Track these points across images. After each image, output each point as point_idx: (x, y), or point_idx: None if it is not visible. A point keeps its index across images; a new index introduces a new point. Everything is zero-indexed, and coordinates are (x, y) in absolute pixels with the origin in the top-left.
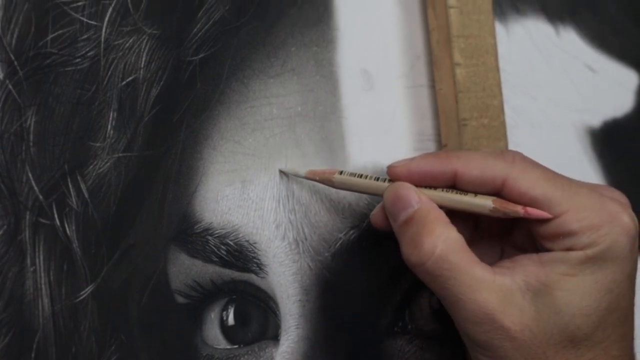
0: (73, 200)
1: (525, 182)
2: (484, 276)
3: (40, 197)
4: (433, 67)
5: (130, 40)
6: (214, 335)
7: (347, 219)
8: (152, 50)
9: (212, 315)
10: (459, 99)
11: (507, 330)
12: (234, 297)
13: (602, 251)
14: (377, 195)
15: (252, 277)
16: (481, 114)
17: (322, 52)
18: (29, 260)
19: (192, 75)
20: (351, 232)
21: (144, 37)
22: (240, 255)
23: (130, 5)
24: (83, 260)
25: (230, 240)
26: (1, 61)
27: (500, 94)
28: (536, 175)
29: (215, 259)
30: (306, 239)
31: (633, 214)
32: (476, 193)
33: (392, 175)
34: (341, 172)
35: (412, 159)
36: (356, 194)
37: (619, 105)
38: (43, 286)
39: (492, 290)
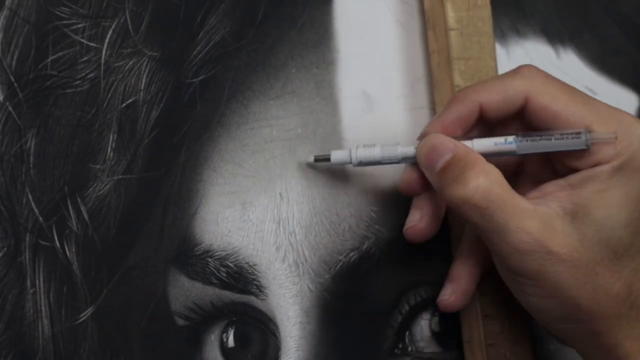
0: (73, 223)
1: (546, 97)
2: (526, 206)
3: (40, 219)
4: (433, 89)
5: (131, 62)
6: (214, 357)
7: (347, 241)
8: (152, 72)
9: (212, 337)
10: None
11: (556, 254)
12: (234, 319)
13: (627, 162)
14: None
15: (252, 299)
16: None
17: (322, 74)
18: (29, 282)
19: (192, 97)
20: (351, 254)
21: (144, 59)
22: (240, 277)
23: (130, 27)
24: (83, 282)
25: (230, 262)
26: (1, 83)
27: None
28: (555, 89)
29: (215, 281)
30: (306, 261)
31: None
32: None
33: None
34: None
35: (439, 115)
36: (356, 216)
37: None
38: (43, 308)
39: (535, 218)
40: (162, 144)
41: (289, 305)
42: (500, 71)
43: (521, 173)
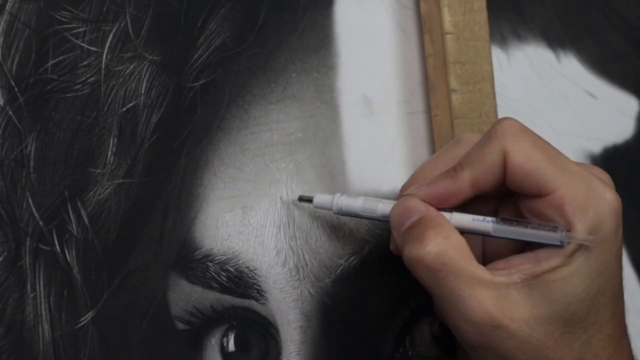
0: (73, 227)
1: (519, 155)
2: (482, 275)
3: (41, 223)
4: (429, 93)
5: (131, 67)
6: None
7: (348, 245)
8: (152, 77)
9: (213, 342)
10: (455, 125)
11: (506, 329)
12: (235, 323)
13: (593, 232)
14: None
15: (252, 304)
16: None
17: (323, 79)
18: (29, 287)
19: (192, 102)
20: (352, 258)
21: (144, 63)
22: (240, 282)
23: (131, 31)
24: (83, 287)
25: (231, 267)
26: (2, 87)
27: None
28: (529, 147)
29: (216, 285)
30: (307, 265)
31: (616, 193)
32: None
33: None
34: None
35: (427, 184)
36: (357, 220)
37: (619, 132)
38: (43, 312)
39: (489, 288)
40: (162, 148)
41: (290, 310)
42: (500, 75)
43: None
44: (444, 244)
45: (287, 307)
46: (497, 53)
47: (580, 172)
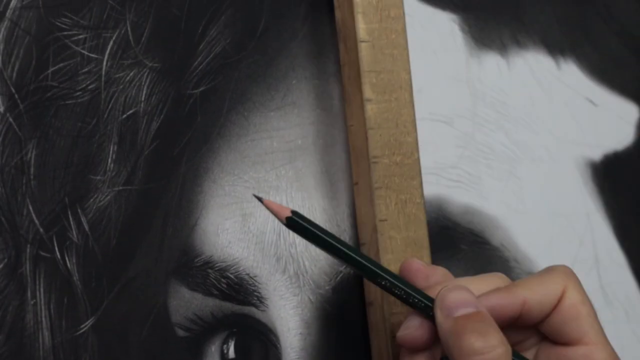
0: (73, 234)
1: (577, 296)
2: None
3: (41, 230)
4: (345, 103)
5: (131, 74)
6: None
7: None
8: (152, 84)
9: (213, 349)
10: (369, 135)
11: None
12: (235, 330)
13: None
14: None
15: (252, 311)
16: (393, 151)
17: (323, 85)
18: (29, 294)
19: (192, 109)
20: None
21: (144, 70)
22: (240, 289)
23: (131, 38)
24: (84, 294)
25: (231, 274)
26: (2, 94)
27: (415, 130)
28: (584, 294)
29: (216, 292)
30: (307, 272)
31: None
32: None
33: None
34: (295, 214)
35: (482, 296)
36: (357, 227)
37: (619, 139)
38: (43, 319)
39: None
40: (162, 155)
41: (290, 317)
42: (501, 82)
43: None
44: (503, 350)
45: (287, 314)
46: (497, 60)
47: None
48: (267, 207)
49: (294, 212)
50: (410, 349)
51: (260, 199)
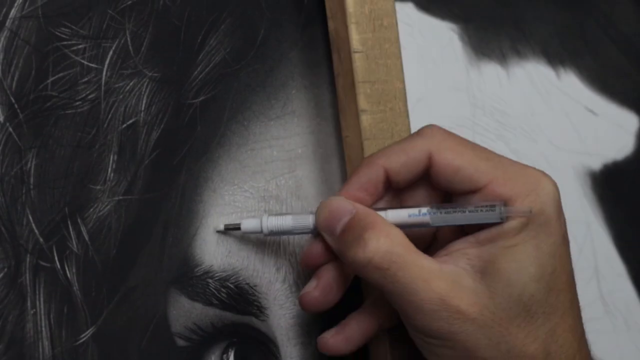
0: (73, 243)
1: (449, 153)
2: (431, 265)
3: (41, 240)
4: (339, 113)
5: (131, 83)
6: None
7: None
8: (152, 93)
9: (213, 358)
10: (365, 146)
11: (465, 313)
12: (235, 340)
13: (535, 216)
14: (313, 232)
15: (252, 320)
16: None
17: (323, 94)
18: (29, 303)
19: (192, 118)
20: (352, 274)
21: (144, 80)
22: (240, 298)
23: (131, 48)
24: (83, 303)
25: (231, 283)
26: (2, 104)
27: None
28: (458, 145)
29: (216, 302)
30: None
31: (553, 180)
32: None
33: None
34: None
35: (345, 183)
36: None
37: (619, 148)
38: (43, 329)
39: (442, 278)
40: (162, 164)
41: (290, 326)
42: (500, 92)
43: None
44: (387, 242)
45: (287, 323)
46: (497, 70)
47: (514, 165)
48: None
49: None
50: (315, 267)
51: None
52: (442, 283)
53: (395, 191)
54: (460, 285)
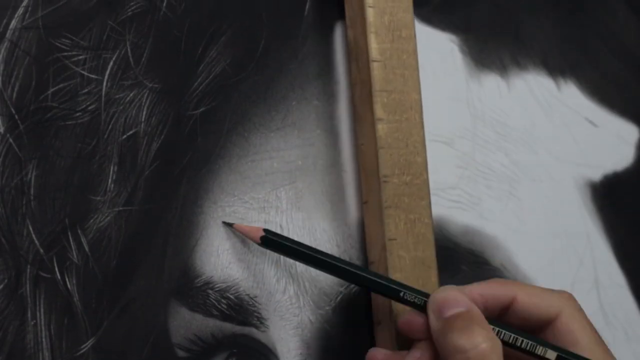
0: (74, 254)
1: (576, 323)
2: None
3: (41, 250)
4: (355, 122)
5: (131, 94)
6: None
7: None
8: (152, 104)
9: None
10: (380, 155)
11: None
12: (235, 351)
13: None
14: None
15: (252, 331)
16: (403, 171)
17: (323, 106)
18: (29, 314)
19: (192, 129)
20: (352, 285)
21: (144, 91)
22: (240, 309)
23: (131, 59)
24: (84, 314)
25: (231, 294)
26: (2, 115)
27: (425, 151)
28: (586, 322)
29: (216, 313)
30: (307, 293)
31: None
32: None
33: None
34: (267, 232)
35: (474, 284)
36: (357, 247)
37: (619, 160)
38: (44, 340)
39: None
40: (162, 175)
41: (290, 337)
42: (501, 103)
43: None
44: (489, 345)
45: (288, 334)
46: (497, 81)
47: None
48: (239, 231)
49: (266, 231)
50: (410, 336)
51: (229, 225)
52: None
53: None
54: None
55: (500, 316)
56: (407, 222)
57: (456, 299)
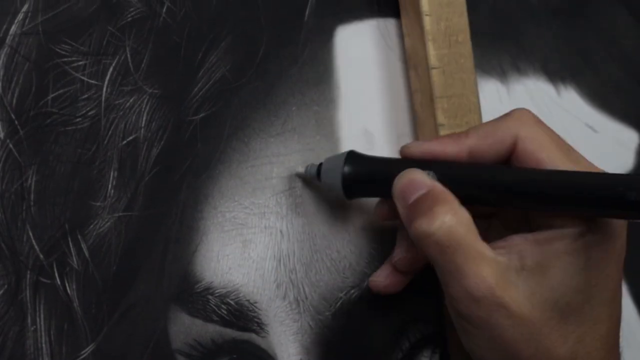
0: (74, 260)
1: (533, 143)
2: (487, 253)
3: (41, 256)
4: (417, 128)
5: (131, 100)
6: None
7: (348, 279)
8: (152, 110)
9: None
10: None
11: (506, 306)
12: (235, 356)
13: (598, 227)
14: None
15: (252, 337)
16: None
17: (323, 112)
18: (29, 320)
19: (192, 135)
20: (352, 291)
21: (144, 96)
22: (240, 315)
23: (131, 64)
24: (84, 320)
25: (231, 300)
26: (2, 120)
27: None
28: (544, 136)
29: (216, 319)
30: (307, 299)
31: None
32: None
33: (404, 155)
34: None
35: (426, 141)
36: (357, 253)
37: (619, 165)
38: (44, 346)
39: (493, 267)
40: (162, 181)
41: (290, 343)
42: (501, 108)
43: (494, 219)
44: (453, 220)
45: (288, 340)
46: (497, 86)
47: (590, 168)
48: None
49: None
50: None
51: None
52: (492, 272)
53: None
54: (507, 279)
55: None
56: None
57: (415, 181)
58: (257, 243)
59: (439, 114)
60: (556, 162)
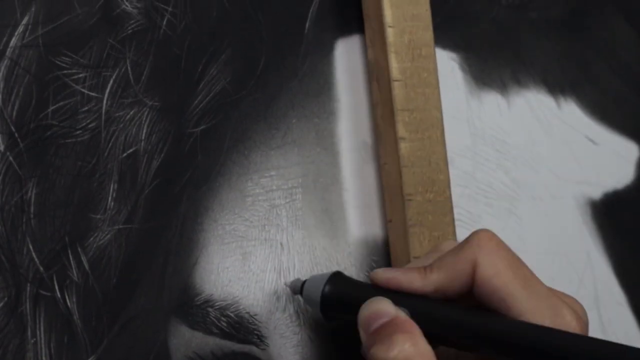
0: (74, 272)
1: (490, 269)
2: None
3: (41, 269)
4: (377, 141)
5: (131, 112)
6: None
7: None
8: (153, 122)
9: None
10: (403, 173)
11: None
12: None
13: None
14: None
15: (253, 349)
16: (426, 188)
17: (323, 124)
18: (29, 333)
19: (193, 147)
20: None
21: (144, 109)
22: (240, 327)
23: (131, 77)
24: (84, 332)
25: (231, 312)
26: (2, 133)
27: (447, 168)
28: (501, 263)
29: (216, 331)
30: (307, 311)
31: (585, 326)
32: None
33: (373, 281)
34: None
35: (396, 270)
36: (357, 266)
37: (619, 177)
38: (44, 358)
39: None
40: (163, 193)
41: (290, 355)
42: (501, 121)
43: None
44: (411, 349)
45: (288, 352)
46: (497, 99)
47: (549, 298)
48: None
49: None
50: None
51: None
52: None
53: None
54: None
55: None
56: (432, 240)
57: (380, 310)
58: (257, 255)
59: (400, 127)
60: (510, 289)
